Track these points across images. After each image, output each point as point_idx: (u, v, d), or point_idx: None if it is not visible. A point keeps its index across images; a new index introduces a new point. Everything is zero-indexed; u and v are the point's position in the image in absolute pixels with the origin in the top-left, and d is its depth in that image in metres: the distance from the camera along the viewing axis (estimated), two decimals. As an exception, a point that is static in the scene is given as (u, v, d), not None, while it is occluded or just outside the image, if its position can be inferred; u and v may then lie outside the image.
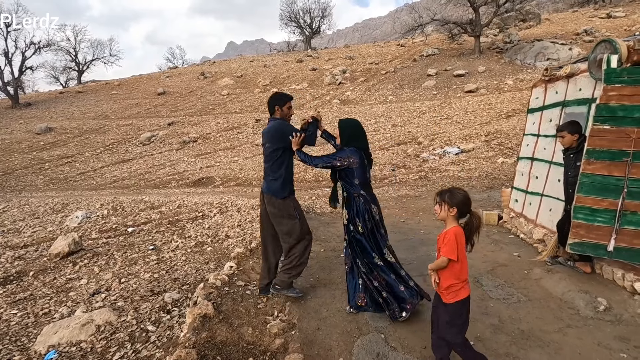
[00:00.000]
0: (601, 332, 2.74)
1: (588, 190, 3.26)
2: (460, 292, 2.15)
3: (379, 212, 3.05)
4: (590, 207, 3.26)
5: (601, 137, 3.22)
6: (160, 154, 17.67)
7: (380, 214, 3.08)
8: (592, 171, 3.25)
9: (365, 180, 3.02)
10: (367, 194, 3.01)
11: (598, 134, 3.23)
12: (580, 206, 3.30)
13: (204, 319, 2.84)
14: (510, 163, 10.41)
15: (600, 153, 3.22)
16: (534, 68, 20.51)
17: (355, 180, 2.98)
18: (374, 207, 3.02)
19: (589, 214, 3.27)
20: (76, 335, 3.59)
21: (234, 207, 9.22)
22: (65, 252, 6.56)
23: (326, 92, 24.76)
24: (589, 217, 3.28)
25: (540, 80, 4.89)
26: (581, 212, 3.30)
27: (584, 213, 3.29)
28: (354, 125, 3.17)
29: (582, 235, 3.31)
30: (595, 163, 3.24)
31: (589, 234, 3.28)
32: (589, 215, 3.27)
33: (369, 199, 3.00)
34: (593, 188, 3.25)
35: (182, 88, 31.06)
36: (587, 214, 3.28)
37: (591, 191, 3.25)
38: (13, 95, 30.14)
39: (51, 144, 20.47)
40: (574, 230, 3.34)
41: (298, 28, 45.36)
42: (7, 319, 4.39)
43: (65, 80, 47.25)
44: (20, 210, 11.07)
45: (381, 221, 3.08)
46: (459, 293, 2.15)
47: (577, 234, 3.32)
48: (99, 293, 4.92)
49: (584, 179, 3.27)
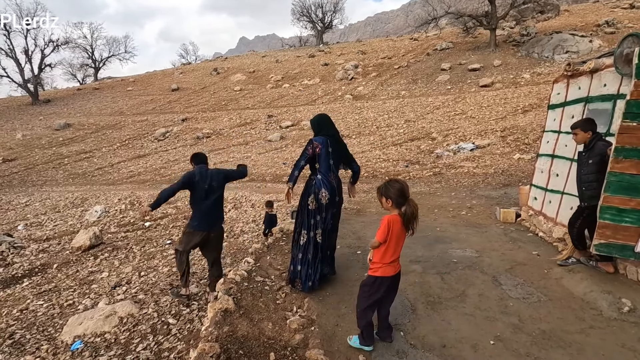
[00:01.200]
0: (625, 334, 2.70)
1: (616, 189, 3.15)
2: (378, 271, 2.52)
3: (328, 198, 3.34)
4: (617, 207, 3.16)
5: (631, 134, 3.09)
6: (175, 149, 17.92)
7: (331, 200, 3.36)
8: (620, 170, 3.13)
9: (326, 166, 3.38)
10: (323, 180, 3.36)
11: (627, 131, 3.10)
12: (607, 206, 3.20)
13: (225, 314, 2.90)
14: (527, 159, 10.22)
15: (630, 151, 3.10)
16: (552, 61, 19.98)
17: (316, 165, 3.42)
18: (323, 191, 3.33)
19: (616, 214, 3.18)
20: (100, 326, 3.71)
21: (248, 202, 9.31)
22: (87, 246, 6.76)
23: (338, 87, 24.65)
24: (616, 218, 3.18)
25: (562, 76, 4.77)
26: (608, 212, 3.20)
27: (611, 213, 3.19)
28: (319, 117, 3.63)
29: (608, 236, 3.22)
30: (623, 162, 3.12)
31: (615, 234, 3.19)
32: (616, 215, 3.18)
33: (323, 183, 3.35)
34: (621, 187, 3.14)
35: (195, 84, 31.34)
36: (614, 214, 3.18)
37: (619, 191, 3.14)
38: (33, 92, 30.93)
39: (70, 140, 20.97)
40: (599, 230, 3.25)
41: (310, 23, 45.12)
42: (34, 309, 4.56)
43: (83, 77, 48.24)
44: (42, 204, 11.41)
45: (329, 207, 3.36)
46: (377, 271, 2.52)
47: (603, 234, 3.23)
48: (120, 286, 5.06)
49: (611, 178, 3.17)
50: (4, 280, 5.65)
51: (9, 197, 12.65)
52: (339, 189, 3.49)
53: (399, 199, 2.39)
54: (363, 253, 4.29)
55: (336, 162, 3.48)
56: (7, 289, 5.34)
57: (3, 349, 3.65)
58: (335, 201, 3.43)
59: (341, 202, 3.57)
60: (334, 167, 3.44)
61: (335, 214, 3.51)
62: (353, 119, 18.27)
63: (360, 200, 7.98)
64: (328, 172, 3.40)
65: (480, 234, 5.01)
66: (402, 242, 2.51)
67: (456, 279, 3.60)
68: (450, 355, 2.53)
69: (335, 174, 3.47)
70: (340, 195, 3.52)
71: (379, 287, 2.52)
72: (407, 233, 2.46)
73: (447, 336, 2.73)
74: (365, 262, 4.01)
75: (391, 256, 2.48)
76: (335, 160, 3.45)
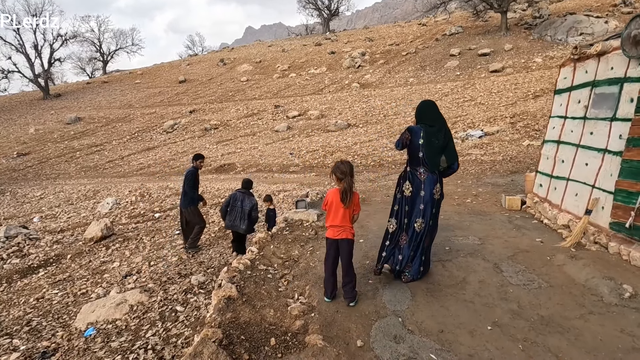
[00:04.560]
0: (625, 319, 2.69)
1: (626, 175, 3.44)
2: (326, 232, 3.08)
3: (412, 191, 3.28)
4: (627, 190, 3.42)
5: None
6: (183, 141, 18.11)
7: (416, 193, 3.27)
8: (630, 157, 3.41)
9: (413, 156, 3.26)
10: (411, 172, 3.29)
11: (639, 123, 3.33)
12: (619, 189, 3.52)
13: (228, 301, 2.99)
14: (536, 146, 10.05)
15: (639, 140, 3.33)
16: (566, 44, 19.42)
17: (406, 156, 3.38)
18: (406, 184, 3.30)
19: (626, 196, 3.43)
20: (112, 313, 3.86)
21: (255, 193, 9.40)
22: (99, 237, 6.96)
23: (345, 75, 24.42)
24: (625, 200, 3.44)
25: (569, 59, 4.65)
26: (620, 195, 3.50)
27: (622, 196, 3.46)
28: (420, 104, 3.40)
29: (619, 216, 3.49)
30: (633, 150, 3.38)
31: (625, 214, 3.43)
32: (626, 197, 3.43)
33: (407, 174, 3.32)
34: (630, 173, 3.40)
35: (202, 75, 31.41)
36: (625, 197, 3.44)
37: (629, 176, 3.42)
38: (44, 86, 31.44)
39: (81, 133, 21.36)
40: (613, 211, 3.56)
41: (316, 10, 44.53)
42: (50, 297, 4.75)
43: (91, 70, 48.75)
44: (56, 197, 11.72)
45: (414, 201, 3.28)
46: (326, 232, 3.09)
47: (615, 214, 3.54)
48: (130, 275, 5.22)
49: (624, 165, 3.46)
50: (21, 271, 5.88)
51: (25, 191, 13.02)
52: (430, 185, 3.20)
53: (339, 174, 2.90)
54: (365, 242, 4.33)
55: (429, 156, 3.16)
56: (24, 279, 5.56)
57: (21, 335, 3.83)
58: (419, 196, 3.22)
59: (433, 199, 3.24)
60: (424, 161, 3.17)
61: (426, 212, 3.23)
62: (360, 108, 18.15)
63: (366, 189, 8.00)
64: (417, 165, 3.21)
65: (485, 221, 5.00)
66: (341, 211, 2.96)
67: (457, 266, 3.62)
68: (447, 340, 2.57)
69: (427, 167, 3.19)
70: (430, 191, 3.20)
71: (328, 246, 3.06)
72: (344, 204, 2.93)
73: (445, 322, 2.77)
74: (368, 250, 4.07)
75: (330, 221, 3.01)
76: (428, 153, 3.15)
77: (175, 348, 3.19)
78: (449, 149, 3.26)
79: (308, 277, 3.53)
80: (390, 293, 3.17)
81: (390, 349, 2.51)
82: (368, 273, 3.54)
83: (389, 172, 10.44)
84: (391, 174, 10.29)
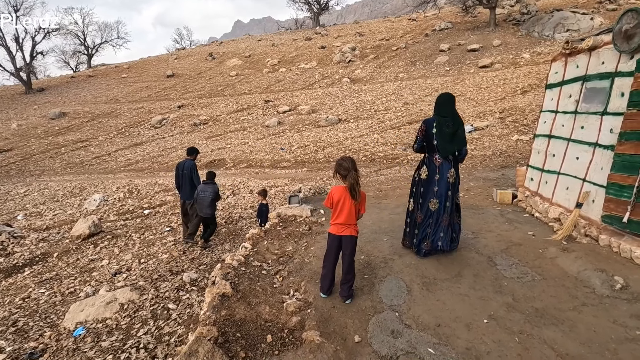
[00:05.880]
0: (617, 310, 2.74)
1: (619, 168, 3.46)
2: (329, 228, 3.02)
3: (428, 175, 3.57)
4: (619, 184, 3.46)
5: (632, 120, 3.33)
6: (172, 136, 17.81)
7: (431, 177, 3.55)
8: (622, 151, 3.43)
9: (429, 144, 3.52)
10: (428, 158, 3.58)
11: (631, 117, 3.35)
12: (611, 183, 3.56)
13: (222, 298, 2.94)
14: (525, 140, 10.18)
15: (630, 134, 3.35)
16: (553, 40, 19.67)
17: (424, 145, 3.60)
18: (423, 168, 3.59)
19: (618, 190, 3.46)
20: (102, 312, 3.76)
21: (246, 188, 9.32)
22: (86, 234, 6.79)
23: (335, 70, 24.31)
24: (617, 193, 3.48)
25: (560, 54, 4.69)
26: (612, 188, 3.54)
27: (614, 189, 3.51)
28: (438, 97, 3.60)
29: (611, 209, 3.54)
30: (625, 144, 3.40)
31: (617, 207, 3.48)
32: (618, 191, 3.47)
33: (424, 159, 3.62)
34: (622, 167, 3.42)
35: (191, 70, 30.89)
36: (617, 190, 3.48)
37: (621, 169, 3.44)
38: (26, 80, 30.48)
39: (66, 129, 20.81)
40: (605, 204, 3.60)
41: (306, 4, 44.13)
42: (36, 297, 4.61)
43: (76, 64, 47.43)
44: (41, 194, 11.41)
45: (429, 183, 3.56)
46: (329, 228, 3.03)
47: (607, 207, 3.59)
48: (120, 273, 5.11)
49: (616, 159, 3.49)
50: (6, 270, 5.70)
51: (7, 188, 12.64)
52: (444, 169, 3.52)
53: (341, 172, 2.86)
54: (359, 237, 4.30)
55: (442, 144, 3.47)
56: (8, 278, 5.39)
57: (7, 336, 3.71)
58: (434, 179, 3.54)
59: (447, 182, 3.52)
60: (438, 148, 3.48)
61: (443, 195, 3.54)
62: (351, 103, 18.10)
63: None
64: (433, 152, 3.54)
65: (477, 215, 5.03)
66: (347, 208, 2.90)
67: (452, 260, 3.64)
68: (444, 334, 2.58)
69: (441, 154, 3.50)
70: (445, 175, 3.51)
71: (330, 242, 2.99)
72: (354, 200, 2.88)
73: (442, 316, 2.77)
74: (362, 245, 4.04)
75: (335, 218, 2.95)
76: (441, 141, 3.46)
77: (169, 346, 3.13)
78: (457, 136, 3.53)
79: (303, 273, 3.49)
80: (386, 288, 3.17)
81: (388, 344, 2.50)
82: (363, 268, 3.53)
83: (381, 167, 10.45)
84: (382, 169, 10.30)
